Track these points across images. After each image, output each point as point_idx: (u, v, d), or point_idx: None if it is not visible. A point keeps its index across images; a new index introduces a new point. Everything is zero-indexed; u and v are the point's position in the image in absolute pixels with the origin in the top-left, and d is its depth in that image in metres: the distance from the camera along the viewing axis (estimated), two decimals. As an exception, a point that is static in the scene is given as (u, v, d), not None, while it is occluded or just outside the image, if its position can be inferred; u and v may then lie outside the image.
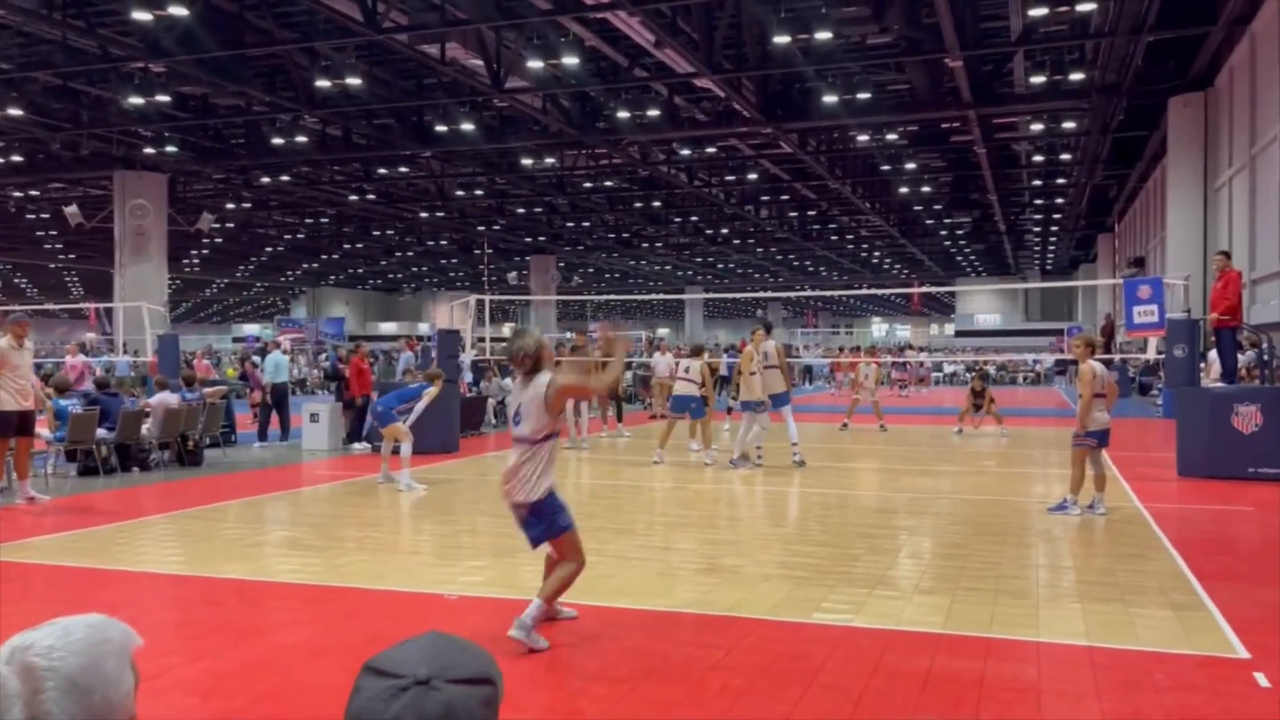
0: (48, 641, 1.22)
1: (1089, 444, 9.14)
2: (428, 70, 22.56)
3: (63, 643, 1.22)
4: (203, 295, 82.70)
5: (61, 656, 1.21)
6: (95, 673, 1.23)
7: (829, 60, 21.03)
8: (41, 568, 7.27)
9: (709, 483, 12.02)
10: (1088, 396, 8.99)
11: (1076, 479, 9.18)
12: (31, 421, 10.34)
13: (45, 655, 1.21)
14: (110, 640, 1.27)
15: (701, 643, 5.27)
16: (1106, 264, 48.50)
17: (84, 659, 1.22)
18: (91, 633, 1.26)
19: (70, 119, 25.77)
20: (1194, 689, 4.46)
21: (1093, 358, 9.24)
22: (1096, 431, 9.13)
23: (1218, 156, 24.89)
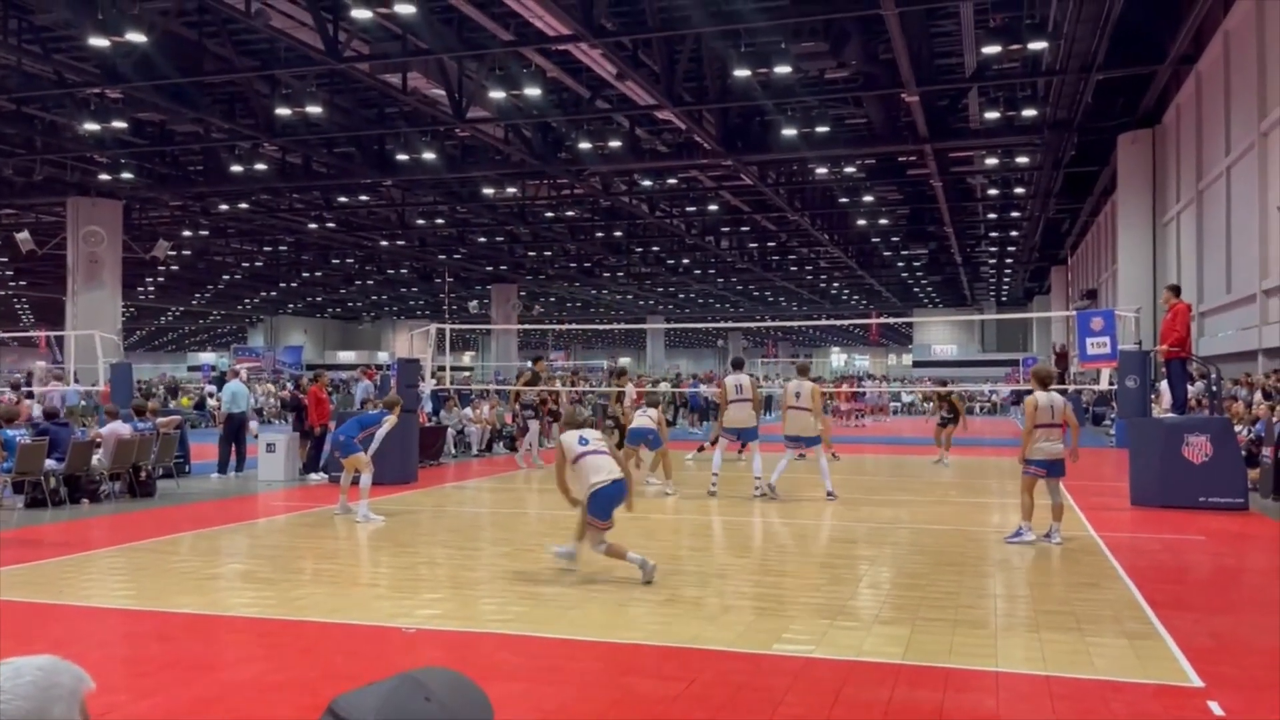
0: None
1: (1036, 473, 9.31)
2: (389, 99, 22.55)
3: (10, 685, 1.20)
4: (158, 323, 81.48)
5: (9, 700, 1.19)
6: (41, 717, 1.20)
7: (788, 94, 21.33)
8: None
9: (670, 513, 11.99)
10: (1028, 426, 9.23)
11: (1026, 506, 9.36)
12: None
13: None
14: (59, 685, 1.25)
15: (663, 674, 5.24)
16: (1060, 296, 49.39)
17: (31, 703, 1.20)
18: (41, 675, 1.24)
19: (24, 144, 25.41)
20: (1150, 718, 4.51)
21: (1045, 390, 9.36)
22: (1043, 461, 9.27)
23: (1166, 192, 25.53)
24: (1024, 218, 37.33)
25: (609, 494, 7.57)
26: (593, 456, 7.69)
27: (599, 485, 7.55)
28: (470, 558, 9.05)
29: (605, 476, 7.59)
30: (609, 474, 7.62)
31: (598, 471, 7.60)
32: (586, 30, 15.99)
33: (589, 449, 7.74)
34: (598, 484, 7.55)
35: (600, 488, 7.55)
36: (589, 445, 7.78)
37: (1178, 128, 24.49)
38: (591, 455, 7.69)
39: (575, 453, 7.70)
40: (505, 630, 6.14)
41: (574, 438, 7.80)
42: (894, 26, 16.03)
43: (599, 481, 7.56)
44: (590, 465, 7.64)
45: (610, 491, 7.58)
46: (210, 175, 28.22)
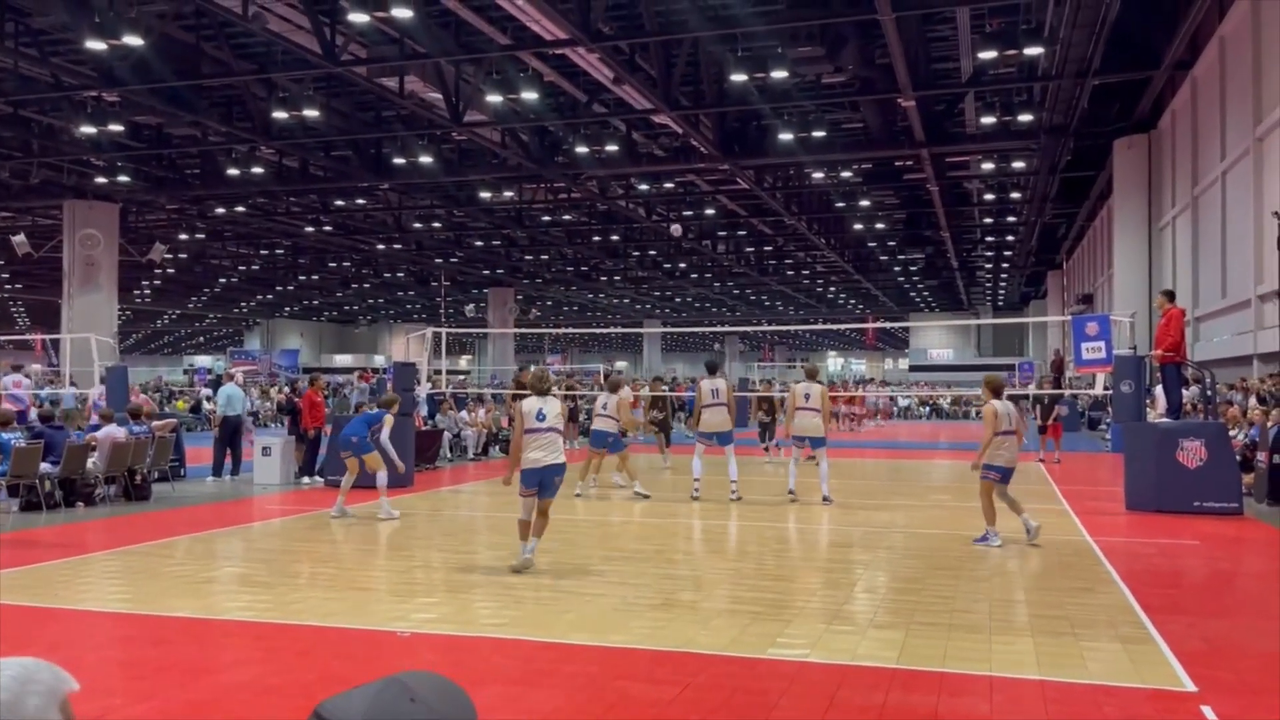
0: None
1: (992, 477, 9.48)
2: (386, 103, 22.57)
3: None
4: (154, 326, 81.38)
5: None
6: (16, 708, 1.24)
7: (785, 98, 21.36)
8: (-20, 606, 7.06)
9: (664, 517, 11.99)
10: (989, 434, 9.41)
11: (990, 511, 9.50)
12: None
13: None
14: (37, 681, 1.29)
15: (657, 678, 5.24)
16: (1056, 300, 49.47)
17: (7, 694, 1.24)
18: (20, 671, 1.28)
19: (20, 147, 25.39)
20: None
21: (998, 399, 9.62)
22: (1003, 467, 9.46)
23: (1161, 197, 25.58)
24: (1020, 222, 37.41)
25: (539, 476, 8.00)
26: (543, 434, 8.00)
27: (534, 465, 7.96)
28: (466, 561, 9.05)
29: (543, 458, 7.97)
30: (549, 458, 7.99)
31: (540, 449, 7.98)
32: (584, 34, 16.02)
33: (543, 425, 8.03)
34: (534, 463, 7.96)
35: (532, 468, 7.96)
36: (544, 421, 8.04)
37: (1173, 133, 24.55)
38: (543, 432, 8.00)
39: (529, 424, 8.02)
40: (500, 634, 6.15)
41: (534, 408, 8.07)
42: (890, 31, 16.06)
43: (536, 460, 7.96)
44: (535, 441, 7.98)
45: (542, 474, 8.00)
46: (207, 178, 28.21)
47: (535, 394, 8.23)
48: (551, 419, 8.09)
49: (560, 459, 8.07)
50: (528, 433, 8.03)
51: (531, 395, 8.21)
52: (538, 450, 7.98)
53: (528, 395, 8.40)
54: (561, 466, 8.06)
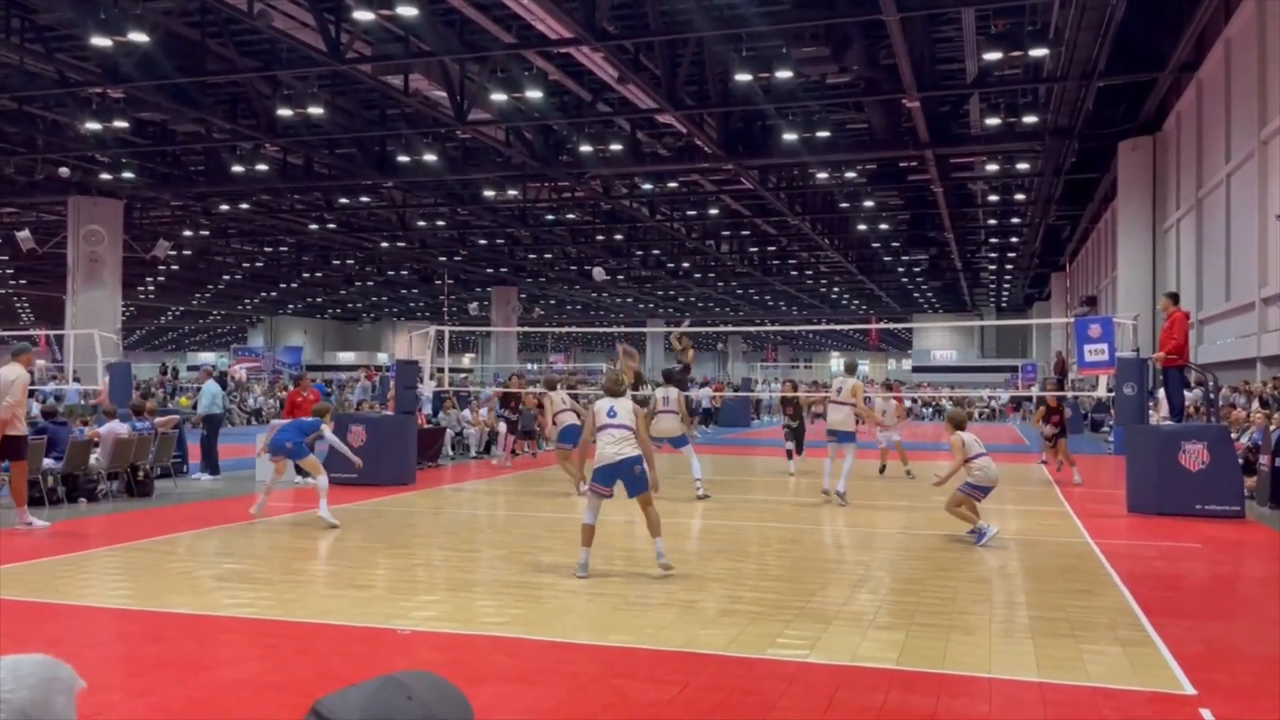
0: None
1: (976, 496, 9.77)
2: (391, 101, 22.59)
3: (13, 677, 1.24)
4: (157, 322, 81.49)
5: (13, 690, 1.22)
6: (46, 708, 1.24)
7: (789, 99, 21.36)
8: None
9: (665, 517, 11.97)
10: (959, 462, 9.77)
11: (967, 514, 9.64)
12: None
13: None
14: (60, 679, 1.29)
15: (656, 678, 5.24)
16: (1060, 302, 49.41)
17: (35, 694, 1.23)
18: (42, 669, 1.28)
19: (25, 143, 25.44)
20: (1142, 725, 4.52)
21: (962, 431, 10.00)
22: (984, 486, 9.77)
23: (1166, 199, 25.55)
24: (1024, 224, 37.38)
25: (615, 471, 7.82)
26: (614, 429, 7.87)
27: (609, 461, 7.79)
28: (467, 559, 9.06)
29: (617, 452, 7.79)
30: (624, 450, 7.80)
31: (612, 444, 7.82)
32: (588, 33, 16.02)
33: (614, 421, 7.90)
34: (608, 459, 7.79)
35: (608, 464, 7.79)
36: (615, 418, 7.92)
37: (1178, 135, 24.52)
38: (615, 428, 7.88)
39: (601, 422, 7.94)
40: (501, 633, 6.15)
41: (604, 407, 8.01)
42: (895, 32, 16.05)
43: (609, 456, 7.79)
44: (606, 437, 7.87)
45: (618, 469, 7.80)
46: (211, 175, 28.25)
47: (608, 394, 8.21)
48: (623, 416, 8.00)
49: (635, 451, 7.88)
50: (600, 430, 7.94)
51: (603, 398, 8.19)
52: (610, 446, 7.86)
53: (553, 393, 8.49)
54: (638, 458, 7.86)
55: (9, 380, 10.37)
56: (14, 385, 10.39)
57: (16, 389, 10.39)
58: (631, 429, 7.91)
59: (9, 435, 10.37)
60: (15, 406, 10.32)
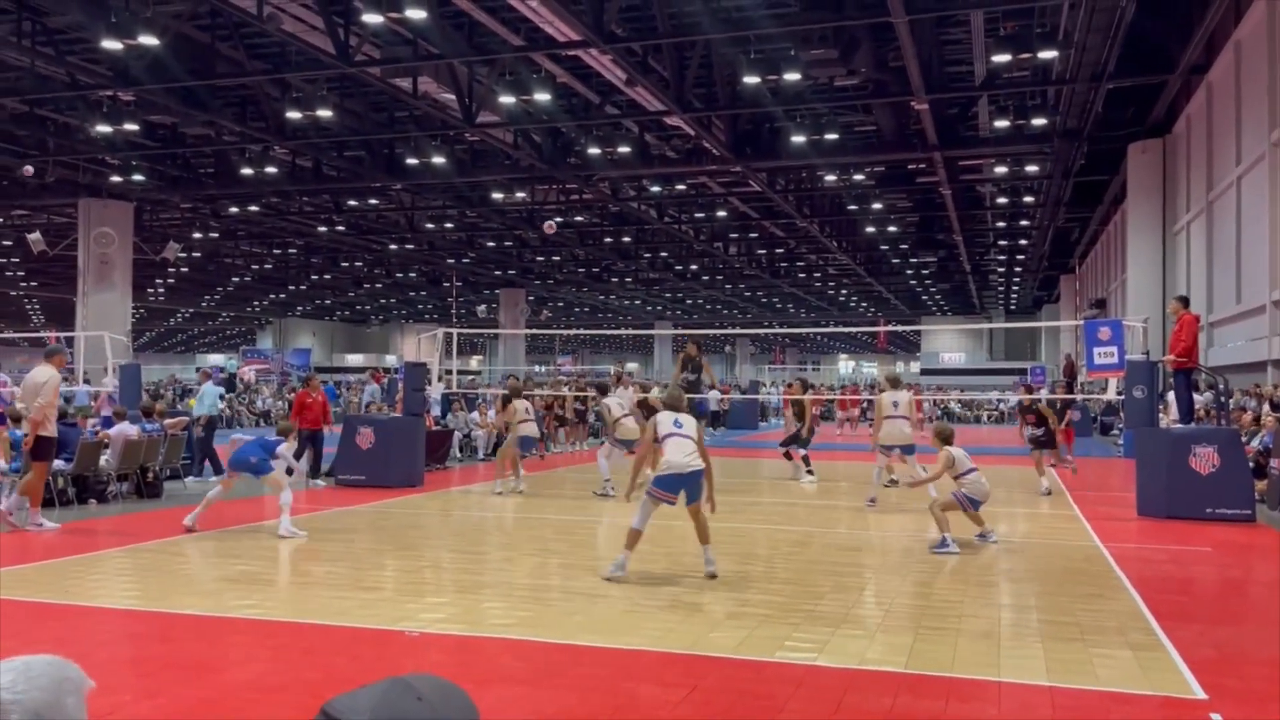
0: (9, 677, 1.24)
1: (967, 506, 9.71)
2: (399, 103, 22.63)
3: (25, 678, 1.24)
4: (167, 324, 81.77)
5: (25, 690, 1.23)
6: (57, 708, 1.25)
7: (797, 101, 21.34)
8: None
9: (673, 519, 11.97)
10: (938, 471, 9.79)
11: (944, 520, 9.53)
12: None
13: (9, 689, 1.23)
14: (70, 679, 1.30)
15: (665, 680, 5.23)
16: (1069, 305, 49.26)
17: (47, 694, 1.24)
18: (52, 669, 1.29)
19: (36, 146, 25.54)
20: (1152, 730, 4.50)
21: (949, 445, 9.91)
22: (975, 499, 9.72)
23: (1176, 201, 25.46)
24: (1033, 226, 37.27)
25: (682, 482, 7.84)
26: (683, 439, 7.95)
27: (678, 471, 7.80)
28: (475, 562, 9.07)
29: (688, 463, 7.83)
30: (693, 462, 7.86)
31: (683, 454, 7.85)
32: (596, 36, 16.03)
33: (681, 432, 7.98)
34: (678, 468, 7.80)
35: (676, 473, 7.80)
36: (682, 429, 8.01)
37: (1188, 137, 24.43)
38: (679, 438, 7.95)
39: (666, 431, 7.97)
40: (509, 635, 6.15)
41: (669, 419, 8.06)
42: (904, 34, 16.03)
43: (680, 466, 7.80)
44: (673, 445, 7.91)
45: (685, 480, 7.84)
46: (221, 178, 28.34)
47: (669, 409, 8.27)
48: (689, 429, 8.08)
49: (700, 464, 7.94)
50: (666, 439, 7.98)
51: (667, 411, 8.24)
52: (680, 455, 7.88)
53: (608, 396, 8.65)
54: (701, 472, 7.93)
55: (40, 381, 10.50)
56: (46, 386, 10.51)
57: (48, 390, 10.48)
58: (695, 442, 8.01)
59: (39, 436, 10.46)
60: (47, 408, 10.41)
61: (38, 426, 10.44)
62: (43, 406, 10.42)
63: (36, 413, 10.44)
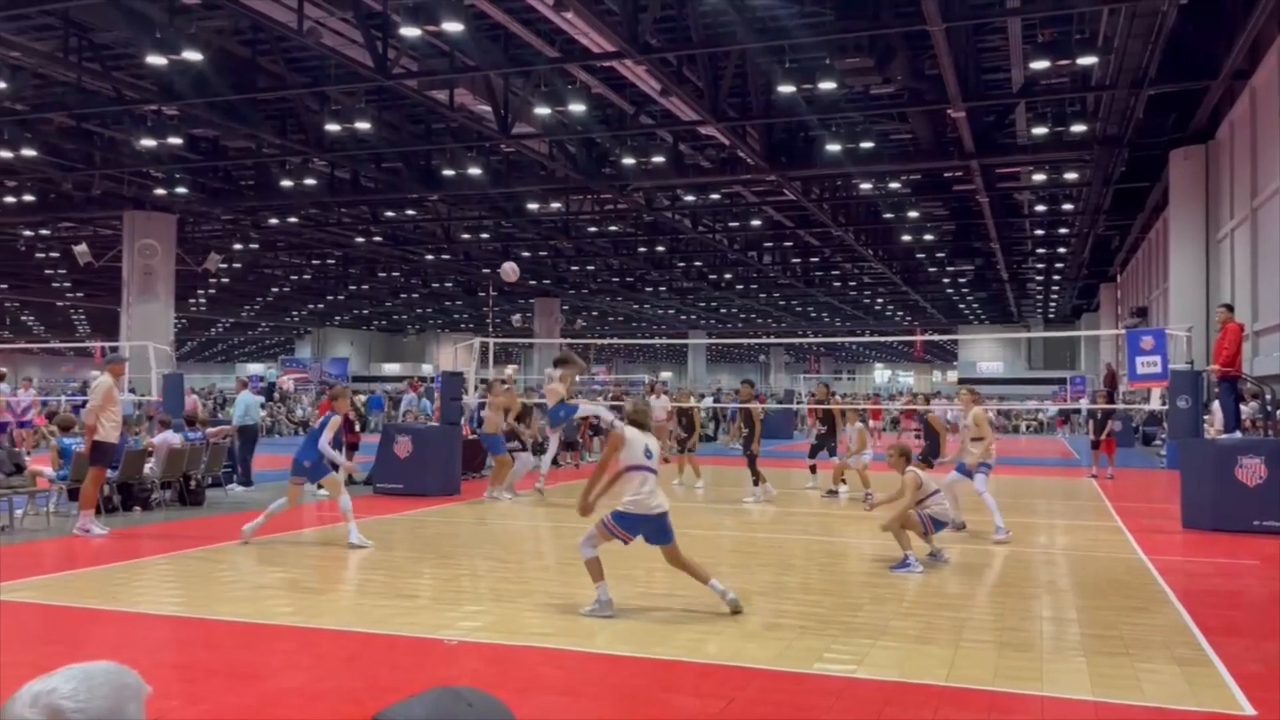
0: (71, 686, 1.25)
1: (928, 526, 9.30)
2: (436, 115, 22.84)
3: (86, 688, 1.26)
4: (207, 334, 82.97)
5: (87, 700, 1.24)
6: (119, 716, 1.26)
7: (832, 110, 21.28)
8: (39, 607, 7.23)
9: (709, 530, 11.96)
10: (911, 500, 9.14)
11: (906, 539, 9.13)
12: None
13: (71, 698, 1.24)
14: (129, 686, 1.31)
15: (702, 692, 5.22)
16: (1109, 313, 48.61)
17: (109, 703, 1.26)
18: (112, 678, 1.30)
19: (83, 159, 26.06)
20: (1200, 746, 4.42)
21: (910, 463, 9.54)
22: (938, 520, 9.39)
23: (1219, 208, 25.06)
24: (1072, 234, 36.85)
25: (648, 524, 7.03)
26: (648, 475, 7.03)
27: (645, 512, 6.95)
28: (512, 570, 9.10)
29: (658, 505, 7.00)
30: (661, 505, 7.02)
31: (649, 491, 6.98)
32: (631, 47, 16.09)
33: (651, 464, 7.07)
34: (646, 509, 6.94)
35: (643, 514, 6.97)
36: (651, 460, 7.09)
37: (1232, 143, 24.05)
38: (647, 473, 7.03)
39: (635, 460, 7.00)
40: (546, 644, 6.17)
41: (640, 444, 7.07)
42: (940, 42, 15.94)
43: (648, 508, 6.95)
44: (642, 481, 7.00)
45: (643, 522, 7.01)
46: (261, 190, 28.76)
47: (637, 426, 7.22)
48: (655, 461, 7.13)
49: (667, 505, 7.09)
50: (634, 469, 6.99)
51: (634, 428, 7.17)
52: (649, 494, 6.96)
53: None
54: (667, 514, 7.07)
55: (93, 386, 11.00)
56: (95, 390, 10.92)
57: (96, 393, 10.85)
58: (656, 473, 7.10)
59: (94, 441, 10.73)
60: (96, 409, 10.67)
61: (92, 431, 10.70)
62: (93, 408, 10.69)
63: (88, 416, 10.74)
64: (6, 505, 11.21)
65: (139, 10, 17.35)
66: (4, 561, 9.13)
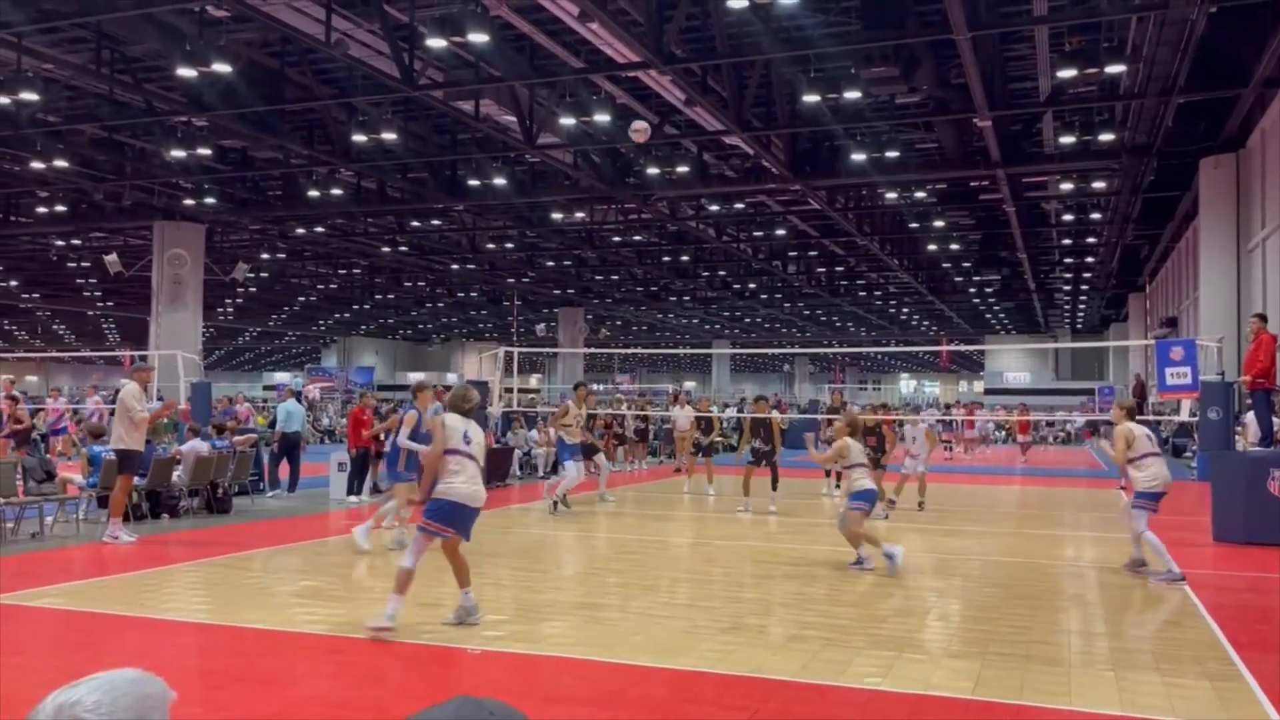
0: (95, 697, 1.24)
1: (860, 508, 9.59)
2: (462, 125, 22.97)
3: (110, 698, 1.25)
4: (235, 343, 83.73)
5: (110, 711, 1.23)
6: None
7: (858, 119, 21.22)
8: (68, 613, 7.31)
9: (733, 540, 11.92)
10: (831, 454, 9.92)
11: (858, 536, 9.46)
12: None
13: (94, 710, 1.23)
14: (153, 696, 1.30)
15: (725, 704, 5.19)
16: (1138, 324, 48.09)
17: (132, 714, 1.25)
18: (135, 688, 1.28)
19: (114, 170, 26.41)
20: (1232, 763, 4.35)
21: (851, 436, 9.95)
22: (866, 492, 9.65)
23: (1250, 218, 24.76)
24: (1100, 244, 36.51)
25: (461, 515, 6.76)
26: (470, 461, 6.76)
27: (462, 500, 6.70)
28: (535, 579, 9.10)
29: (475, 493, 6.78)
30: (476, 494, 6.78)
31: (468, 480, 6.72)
32: (656, 57, 16.12)
33: (470, 449, 6.77)
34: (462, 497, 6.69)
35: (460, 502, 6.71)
36: (471, 446, 6.78)
37: (1263, 152, 23.76)
38: (468, 459, 6.76)
39: (453, 445, 6.72)
40: (570, 654, 6.16)
41: (460, 430, 6.78)
42: (966, 51, 15.87)
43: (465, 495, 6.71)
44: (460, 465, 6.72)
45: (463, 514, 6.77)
46: (288, 200, 29.01)
47: (457, 412, 6.90)
48: (476, 447, 6.80)
49: (483, 498, 6.86)
50: (451, 453, 6.68)
51: (454, 414, 6.89)
52: (465, 482, 6.68)
53: None
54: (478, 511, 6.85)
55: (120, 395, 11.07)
56: (120, 399, 11.04)
57: (123, 401, 10.94)
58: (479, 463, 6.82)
59: (118, 448, 10.88)
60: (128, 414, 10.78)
61: (136, 426, 10.87)
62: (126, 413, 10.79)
63: (123, 423, 10.88)
64: (37, 512, 11.35)
65: (170, 23, 17.60)
66: (35, 568, 9.24)
